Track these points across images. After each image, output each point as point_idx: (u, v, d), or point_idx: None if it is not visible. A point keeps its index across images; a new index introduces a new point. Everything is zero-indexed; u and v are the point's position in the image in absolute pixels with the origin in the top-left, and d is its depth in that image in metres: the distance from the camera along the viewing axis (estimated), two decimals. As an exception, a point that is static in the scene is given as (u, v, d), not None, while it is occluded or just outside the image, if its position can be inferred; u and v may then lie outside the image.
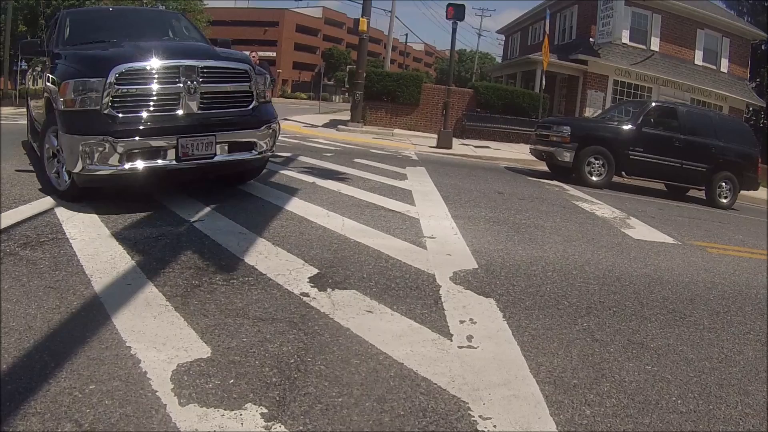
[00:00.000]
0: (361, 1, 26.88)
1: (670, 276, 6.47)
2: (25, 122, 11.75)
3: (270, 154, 8.06)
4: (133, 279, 4.56)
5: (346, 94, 76.72)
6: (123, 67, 6.42)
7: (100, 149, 6.22)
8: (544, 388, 3.45)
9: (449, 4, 22.02)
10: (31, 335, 3.49)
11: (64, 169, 6.76)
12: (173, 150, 6.62)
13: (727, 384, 3.88)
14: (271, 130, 7.79)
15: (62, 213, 6.22)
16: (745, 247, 9.35)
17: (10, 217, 5.89)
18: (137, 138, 6.43)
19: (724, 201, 16.34)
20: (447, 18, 22.42)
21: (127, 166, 6.38)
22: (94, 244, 5.29)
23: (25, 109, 13.24)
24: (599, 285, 5.71)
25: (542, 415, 3.16)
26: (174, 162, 6.66)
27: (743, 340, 4.78)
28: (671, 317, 5.09)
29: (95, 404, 2.82)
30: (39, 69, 9.26)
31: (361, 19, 26.05)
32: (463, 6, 21.94)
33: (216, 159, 7.03)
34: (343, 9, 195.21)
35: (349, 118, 28.11)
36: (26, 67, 47.82)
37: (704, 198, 16.59)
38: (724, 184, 16.41)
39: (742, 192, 17.11)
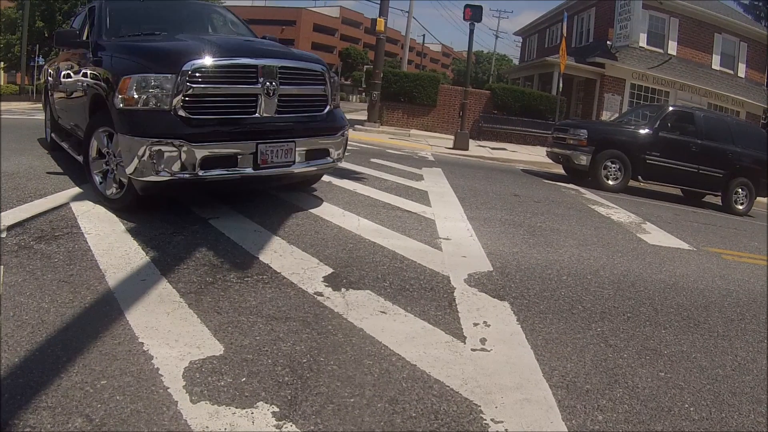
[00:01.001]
0: (379, 1, 26.80)
1: (685, 282, 6.43)
2: (43, 118, 11.62)
3: (340, 162, 7.68)
4: (148, 275, 4.56)
5: (363, 94, 76.84)
6: (197, 63, 5.83)
7: (173, 154, 5.66)
8: (557, 393, 3.43)
9: (467, 5, 22.00)
10: (44, 329, 3.50)
11: (113, 175, 6.32)
12: (251, 157, 6.14)
13: (740, 392, 3.84)
14: (344, 138, 7.47)
15: (77, 207, 6.23)
16: (760, 255, 9.28)
17: (26, 210, 5.90)
18: (215, 142, 5.95)
19: (740, 207, 16.24)
20: (464, 19, 22.40)
21: (201, 173, 5.83)
22: (109, 239, 5.29)
23: (41, 105, 13.21)
24: (614, 290, 5.68)
25: (554, 420, 3.14)
26: (251, 170, 6.16)
27: (757, 349, 4.74)
28: (685, 324, 5.05)
29: (106, 399, 2.82)
30: (70, 62, 8.42)
31: (378, 19, 26.02)
32: (480, 7, 21.91)
33: (295, 167, 6.63)
34: (360, 9, 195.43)
35: (365, 117, 28.06)
36: (43, 63, 48.10)
37: (720, 204, 16.49)
38: (740, 190, 16.31)
39: (758, 198, 17.01)
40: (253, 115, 6.23)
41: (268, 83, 6.22)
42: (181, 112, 5.77)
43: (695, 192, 16.96)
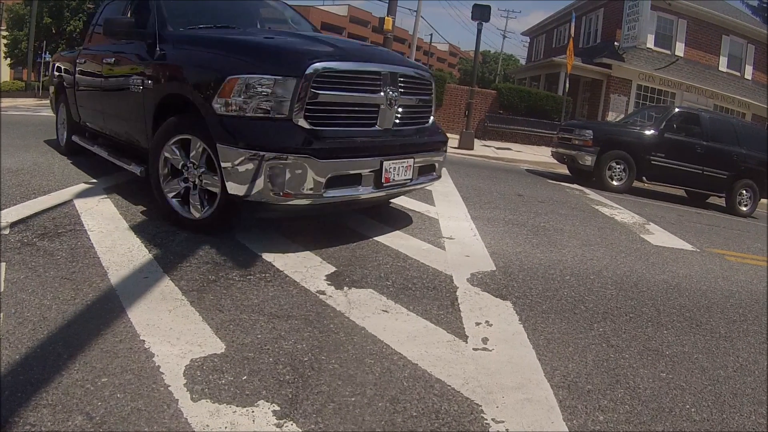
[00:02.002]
0: (387, 0, 26.81)
1: (688, 283, 6.41)
2: (55, 118, 10.76)
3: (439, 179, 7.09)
4: (150, 272, 4.56)
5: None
6: (320, 66, 5.10)
7: (297, 171, 4.95)
8: (558, 393, 3.42)
9: (475, 5, 21.98)
10: (45, 326, 3.50)
11: (197, 193, 5.59)
12: (373, 175, 5.54)
13: (741, 394, 3.83)
14: (446, 152, 6.96)
15: (81, 205, 6.23)
16: (763, 256, 9.25)
17: (30, 207, 5.91)
18: (342, 159, 5.28)
19: (744, 209, 16.22)
20: (472, 19, 22.38)
21: (327, 194, 5.20)
22: (112, 237, 5.30)
23: (49, 102, 12.22)
24: (616, 290, 5.67)
25: (555, 420, 3.13)
26: (372, 189, 5.58)
27: (759, 350, 4.73)
28: (687, 325, 5.04)
29: (107, 397, 2.82)
30: (111, 56, 7.36)
31: (386, 18, 25.99)
32: (488, 7, 21.90)
33: (410, 185, 6.13)
34: (368, 7, 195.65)
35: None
36: (50, 59, 48.14)
37: (724, 205, 16.47)
38: (744, 191, 16.29)
39: (762, 200, 16.99)
40: (374, 128, 5.66)
41: (390, 92, 5.67)
42: (302, 123, 5.06)
43: (699, 193, 16.95)
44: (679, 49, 35.83)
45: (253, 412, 2.83)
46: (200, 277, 4.57)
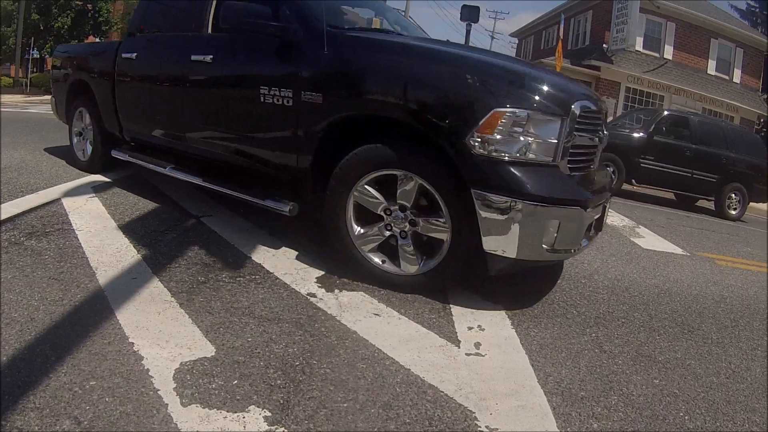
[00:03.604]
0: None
1: (679, 288, 6.40)
2: (68, 126, 8.95)
3: None
4: (139, 273, 4.51)
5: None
6: (581, 105, 4.46)
7: (570, 225, 4.33)
8: (552, 400, 3.39)
9: (464, 6, 21.96)
10: (33, 327, 3.45)
11: (408, 241, 4.66)
12: (595, 222, 4.96)
13: (734, 401, 3.81)
14: None
15: (69, 203, 6.18)
16: (753, 260, 9.28)
17: (18, 205, 5.86)
18: (597, 206, 4.74)
19: (733, 212, 16.29)
20: (461, 20, 22.37)
21: (584, 243, 4.74)
22: (100, 236, 5.25)
23: (51, 105, 9.80)
24: (608, 294, 5.65)
25: (549, 428, 3.10)
26: (593, 232, 5.09)
27: (751, 356, 4.71)
28: (680, 330, 5.02)
29: (95, 401, 2.77)
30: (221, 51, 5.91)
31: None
32: (477, 8, 21.88)
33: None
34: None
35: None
36: (38, 55, 47.82)
37: (713, 209, 16.54)
38: (733, 195, 16.37)
39: (751, 204, 17.07)
40: (591, 168, 5.06)
41: (603, 131, 5.18)
42: (564, 169, 4.40)
43: (688, 196, 17.02)
44: (668, 52, 36.04)
45: (243, 417, 2.79)
46: (189, 278, 4.52)
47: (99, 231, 5.41)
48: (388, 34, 5.95)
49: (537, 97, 4.23)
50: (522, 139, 4.12)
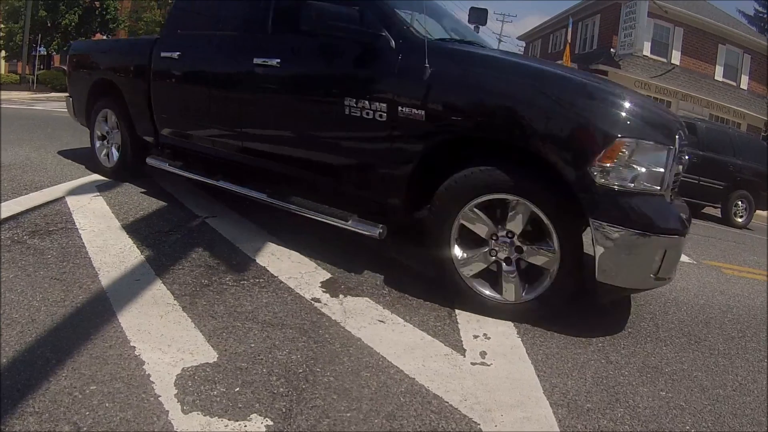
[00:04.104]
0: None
1: (686, 297, 6.35)
2: (90, 130, 8.30)
3: None
4: (142, 275, 4.48)
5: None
6: (679, 134, 4.48)
7: (674, 254, 4.32)
8: (558, 411, 3.35)
9: (472, 8, 21.91)
10: (33, 329, 3.42)
11: (513, 269, 4.50)
12: None
13: (741, 414, 3.76)
14: None
15: (73, 202, 6.15)
16: (759, 269, 9.22)
17: (21, 203, 5.84)
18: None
19: (740, 220, 16.25)
20: (469, 22, 22.30)
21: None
22: (104, 236, 5.22)
23: (68, 104, 8.91)
24: (614, 303, 5.60)
25: (555, 440, 3.07)
26: None
27: (758, 368, 4.66)
28: (686, 341, 4.97)
29: (95, 406, 2.74)
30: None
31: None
32: (485, 10, 21.76)
33: None
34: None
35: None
36: (44, 52, 47.94)
37: (719, 216, 16.50)
38: (740, 202, 16.34)
39: (757, 212, 17.04)
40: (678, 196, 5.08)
41: (686, 156, 5.21)
42: (667, 197, 4.32)
43: (694, 203, 16.97)
44: (676, 58, 35.97)
45: (245, 426, 2.75)
46: (193, 281, 4.49)
47: (103, 231, 5.38)
48: (490, 49, 5.73)
49: (650, 127, 4.16)
50: (637, 168, 4.03)
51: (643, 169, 4.04)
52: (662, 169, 4.11)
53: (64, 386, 2.89)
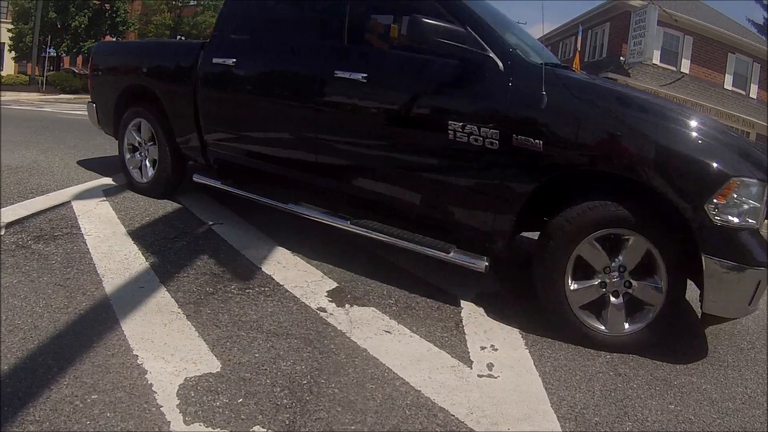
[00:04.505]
0: (391, 7, 26.76)
1: (694, 306, 6.30)
2: (118, 143, 7.48)
3: None
4: (146, 282, 4.46)
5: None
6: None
7: (765, 284, 4.23)
8: (565, 425, 3.30)
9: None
10: (36, 335, 3.41)
11: (621, 302, 4.45)
12: None
13: (750, 428, 3.70)
14: None
15: (79, 207, 6.13)
16: None
17: (26, 207, 5.83)
18: None
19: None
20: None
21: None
22: (109, 242, 5.19)
23: (91, 114, 8.00)
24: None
25: (563, 456, 3.03)
26: None
27: (767, 381, 4.62)
28: (695, 352, 4.92)
29: (96, 416, 2.71)
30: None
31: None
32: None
33: None
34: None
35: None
36: (54, 53, 48.06)
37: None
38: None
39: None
40: None
41: None
42: (761, 231, 4.32)
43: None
44: (685, 66, 35.92)
45: (248, 438, 2.72)
46: (197, 288, 4.46)
47: (108, 236, 5.35)
48: (592, 76, 5.60)
49: (753, 165, 4.19)
50: (743, 205, 4.10)
51: (747, 206, 4.10)
52: (759, 204, 4.16)
53: (65, 395, 2.86)
